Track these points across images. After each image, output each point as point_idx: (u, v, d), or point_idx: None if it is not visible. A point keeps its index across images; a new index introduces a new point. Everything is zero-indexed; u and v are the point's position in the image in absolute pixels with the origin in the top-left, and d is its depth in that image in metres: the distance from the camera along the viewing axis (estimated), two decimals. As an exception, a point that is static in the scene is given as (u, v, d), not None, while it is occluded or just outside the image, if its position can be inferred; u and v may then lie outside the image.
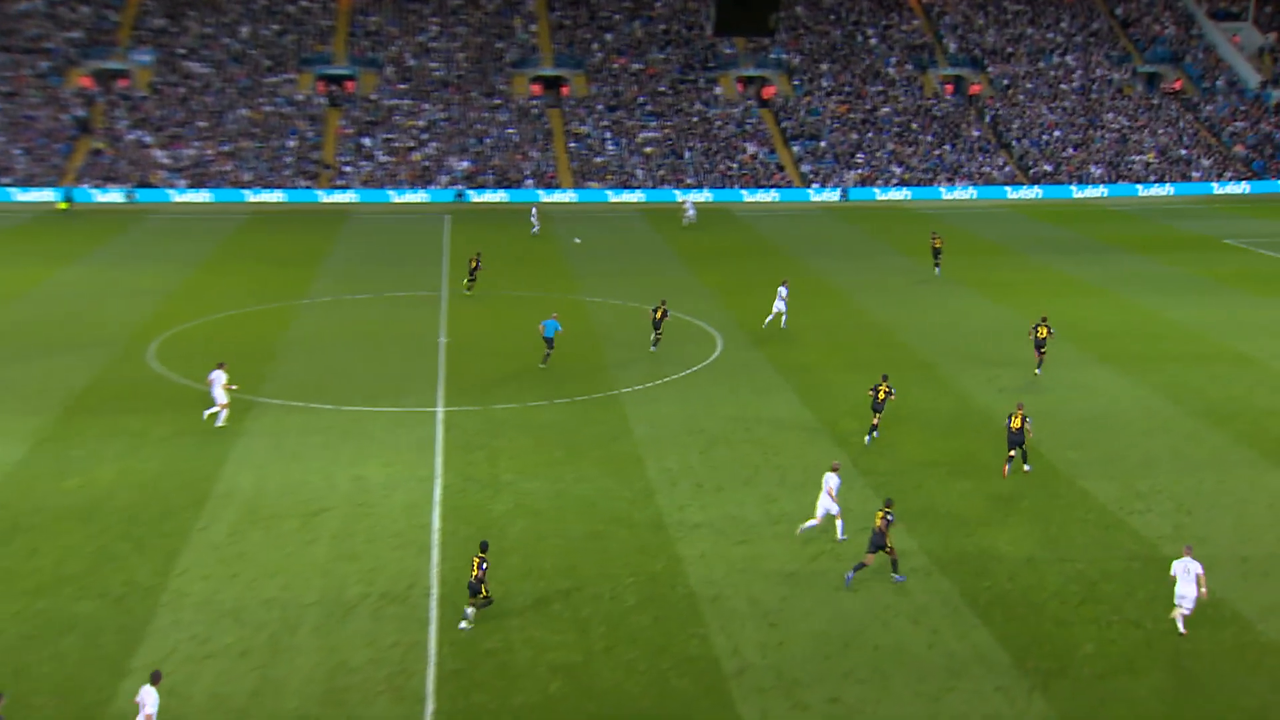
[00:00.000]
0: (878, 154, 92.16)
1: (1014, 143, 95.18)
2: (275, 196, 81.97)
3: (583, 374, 40.54)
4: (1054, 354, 43.30)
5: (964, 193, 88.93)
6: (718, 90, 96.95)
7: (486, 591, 23.50)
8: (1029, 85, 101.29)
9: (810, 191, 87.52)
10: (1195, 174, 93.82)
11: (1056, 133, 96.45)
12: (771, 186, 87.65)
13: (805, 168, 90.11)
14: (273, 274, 57.25)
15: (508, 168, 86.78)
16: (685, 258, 62.83)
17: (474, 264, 52.53)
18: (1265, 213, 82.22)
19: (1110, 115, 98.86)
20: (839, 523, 27.39)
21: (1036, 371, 41.16)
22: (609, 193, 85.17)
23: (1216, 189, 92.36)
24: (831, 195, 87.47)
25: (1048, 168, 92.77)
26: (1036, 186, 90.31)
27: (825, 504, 27.12)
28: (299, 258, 61.69)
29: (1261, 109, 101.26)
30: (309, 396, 37.46)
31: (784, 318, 47.08)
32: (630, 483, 30.80)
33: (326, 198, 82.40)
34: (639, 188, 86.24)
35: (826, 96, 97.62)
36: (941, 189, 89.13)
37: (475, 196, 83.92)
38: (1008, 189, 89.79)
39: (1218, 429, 35.50)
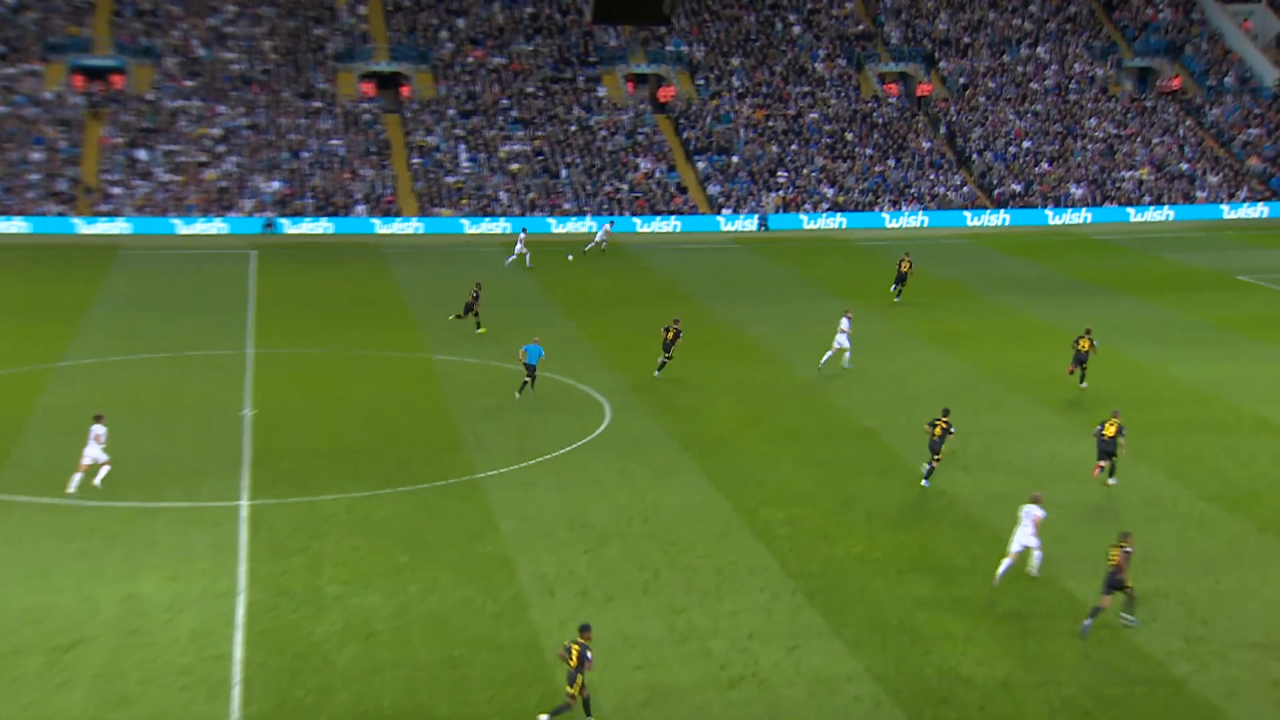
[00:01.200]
0: (804, 172, 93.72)
1: (974, 157, 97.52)
2: (15, 226, 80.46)
3: (433, 454, 40.29)
4: (1027, 424, 44.18)
5: (913, 219, 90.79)
6: (601, 92, 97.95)
7: (582, 685, 24.21)
8: (991, 85, 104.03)
9: (720, 219, 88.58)
10: (1200, 194, 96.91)
11: (1026, 144, 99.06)
12: (671, 213, 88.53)
13: (713, 189, 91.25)
14: (14, 328, 56.13)
15: (332, 190, 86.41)
16: (563, 304, 62.99)
17: (474, 296, 56.02)
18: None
19: (1093, 121, 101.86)
20: (1037, 555, 31.19)
21: (1082, 386, 48.09)
22: (464, 222, 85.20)
23: (1227, 212, 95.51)
24: (747, 224, 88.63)
25: (1016, 187, 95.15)
26: (1003, 211, 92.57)
27: (1023, 539, 30.75)
28: (51, 307, 60.58)
29: None
30: (64, 490, 36.64)
31: (847, 355, 50.58)
32: (495, 593, 30.59)
33: (87, 228, 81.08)
34: (503, 215, 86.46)
35: (739, 99, 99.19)
36: (885, 215, 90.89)
37: (290, 226, 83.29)
38: (967, 214, 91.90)
39: (1236, 515, 36.39)
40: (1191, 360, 53.58)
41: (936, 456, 37.65)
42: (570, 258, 75.55)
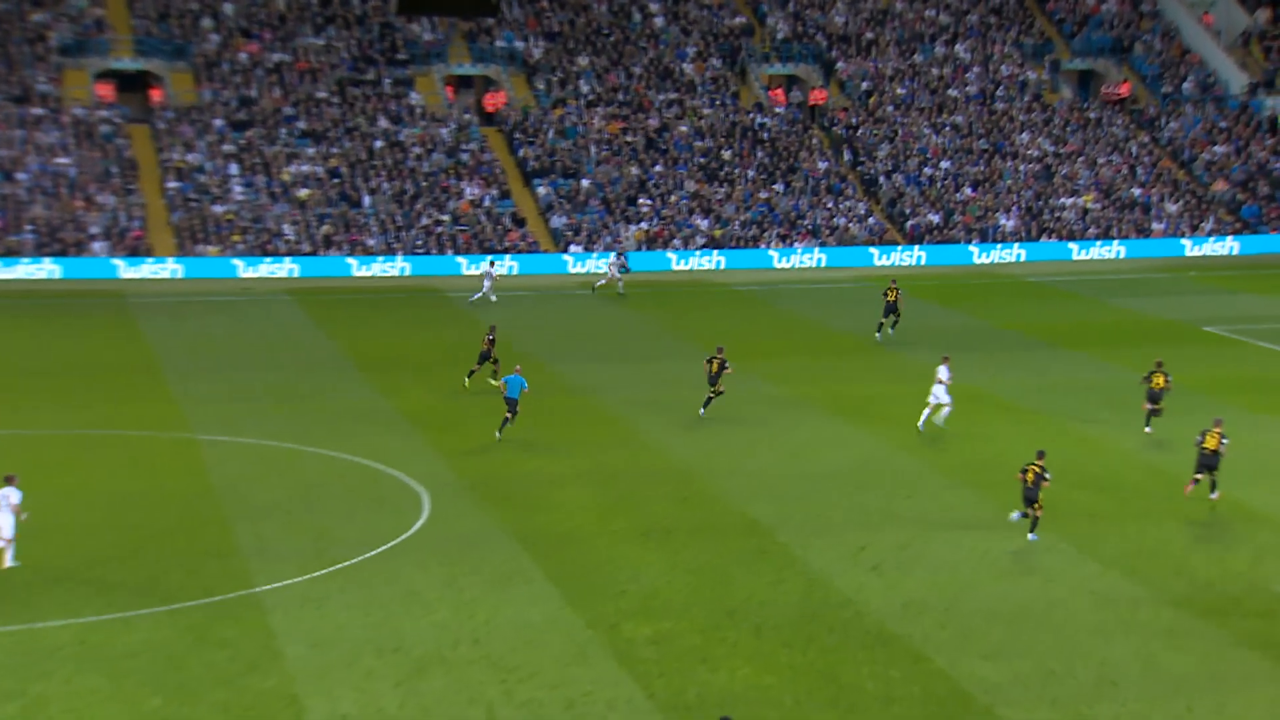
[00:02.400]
0: (672, 199, 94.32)
1: (881, 180, 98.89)
2: None
3: (197, 562, 39.66)
4: (952, 512, 44.64)
5: (807, 257, 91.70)
6: (414, 98, 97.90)
7: None
8: (901, 91, 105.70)
9: (567, 258, 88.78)
10: (1157, 225, 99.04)
11: (945, 164, 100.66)
12: (505, 251, 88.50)
13: (558, 221, 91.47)
14: None
15: (59, 223, 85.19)
16: (367, 367, 62.60)
17: (489, 342, 58.61)
18: (1263, 284, 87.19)
19: (1025, 137, 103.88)
20: None
21: (1147, 430, 53.00)
22: (238, 263, 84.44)
23: (1189, 248, 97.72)
24: (601, 264, 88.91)
25: (933, 218, 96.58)
26: (917, 247, 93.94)
27: None
28: None
29: (1251, 125, 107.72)
30: None
31: (945, 411, 53.09)
32: (279, 742, 30.18)
33: None
34: (289, 254, 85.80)
35: (588, 109, 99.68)
36: (772, 252, 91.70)
37: (2, 270, 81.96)
38: (873, 251, 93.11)
39: (1209, 624, 36.88)
40: (1151, 431, 54.51)
41: (1036, 506, 41.49)
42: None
